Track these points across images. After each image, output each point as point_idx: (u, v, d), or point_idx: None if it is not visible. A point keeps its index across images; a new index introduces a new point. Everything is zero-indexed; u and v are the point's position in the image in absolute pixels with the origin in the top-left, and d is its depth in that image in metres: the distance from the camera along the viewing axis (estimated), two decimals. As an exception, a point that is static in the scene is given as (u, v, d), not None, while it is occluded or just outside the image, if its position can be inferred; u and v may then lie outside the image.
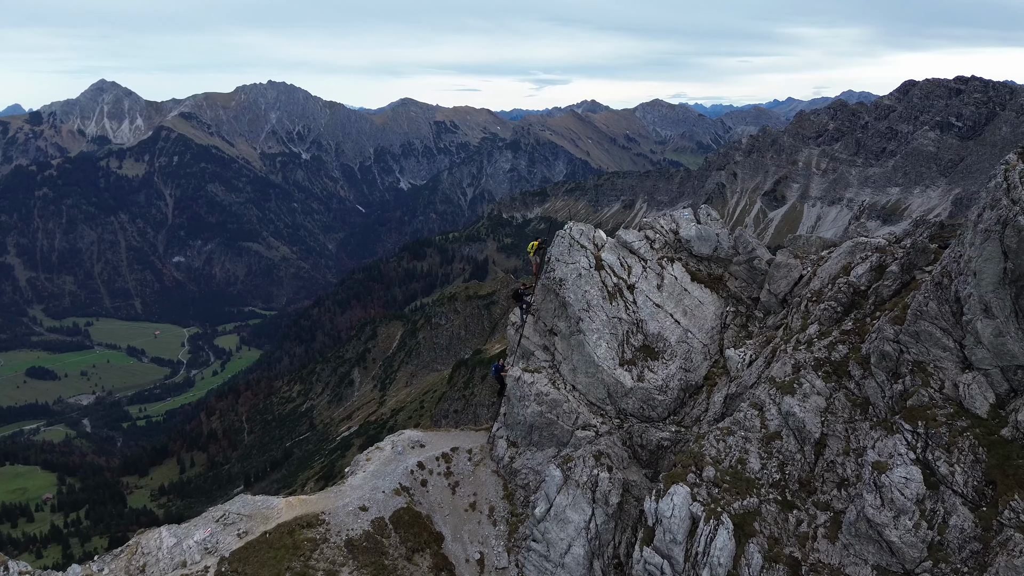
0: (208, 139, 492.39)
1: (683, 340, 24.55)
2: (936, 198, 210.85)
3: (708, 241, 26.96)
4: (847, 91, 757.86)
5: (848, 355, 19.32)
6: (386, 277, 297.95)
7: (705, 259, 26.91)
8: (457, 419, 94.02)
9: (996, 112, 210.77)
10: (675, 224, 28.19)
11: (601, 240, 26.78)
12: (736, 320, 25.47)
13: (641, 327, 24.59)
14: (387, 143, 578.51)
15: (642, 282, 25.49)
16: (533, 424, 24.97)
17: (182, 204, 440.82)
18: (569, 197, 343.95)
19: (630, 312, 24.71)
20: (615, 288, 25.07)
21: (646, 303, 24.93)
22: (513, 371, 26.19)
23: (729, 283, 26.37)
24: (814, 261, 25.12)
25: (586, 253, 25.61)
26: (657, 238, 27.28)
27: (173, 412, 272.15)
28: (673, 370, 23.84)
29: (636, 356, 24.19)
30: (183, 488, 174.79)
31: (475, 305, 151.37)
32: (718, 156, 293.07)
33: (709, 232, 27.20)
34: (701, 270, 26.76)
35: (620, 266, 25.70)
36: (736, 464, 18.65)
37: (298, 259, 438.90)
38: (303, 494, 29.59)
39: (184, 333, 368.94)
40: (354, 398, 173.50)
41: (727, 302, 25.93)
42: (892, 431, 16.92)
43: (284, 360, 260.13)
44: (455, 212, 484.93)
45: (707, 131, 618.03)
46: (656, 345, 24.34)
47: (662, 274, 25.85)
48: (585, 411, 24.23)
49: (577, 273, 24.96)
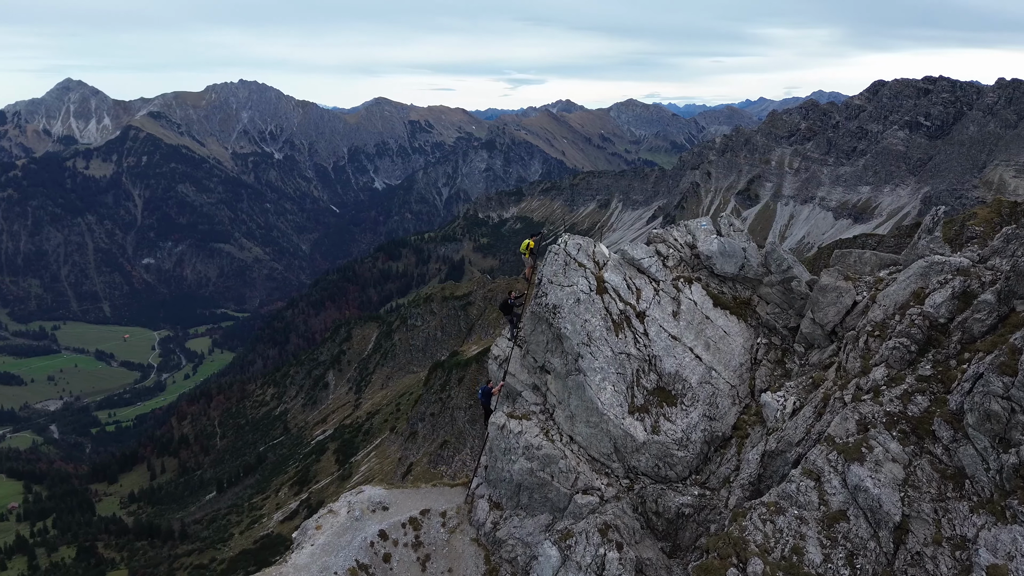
0: (178, 139, 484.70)
1: (706, 380, 20.39)
2: (906, 196, 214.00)
3: (733, 257, 22.71)
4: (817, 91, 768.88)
5: (930, 409, 15.46)
6: (361, 278, 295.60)
7: (729, 279, 22.85)
8: (434, 422, 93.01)
9: (963, 112, 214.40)
10: (691, 236, 24.01)
11: (603, 257, 22.43)
12: (770, 354, 21.44)
13: (654, 365, 20.39)
14: (361, 143, 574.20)
15: (655, 309, 21.31)
16: (522, 484, 20.51)
17: (151, 205, 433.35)
18: (545, 197, 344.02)
19: (641, 346, 20.50)
20: (622, 316, 20.80)
21: (660, 335, 20.75)
22: (496, 416, 21.65)
23: (759, 308, 22.34)
24: (870, 284, 20.79)
25: (585, 273, 21.28)
26: (671, 254, 23.16)
27: (143, 417, 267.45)
28: (695, 418, 19.70)
29: (649, 401, 19.97)
30: (154, 495, 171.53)
31: (451, 306, 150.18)
32: (692, 155, 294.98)
33: (734, 246, 22.80)
34: (725, 293, 22.61)
35: (627, 289, 21.46)
36: (791, 555, 14.62)
37: (271, 260, 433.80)
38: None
39: (154, 336, 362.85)
40: (329, 401, 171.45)
41: (757, 332, 21.94)
42: (1006, 519, 13.07)
43: (257, 363, 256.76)
44: (430, 212, 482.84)
45: (681, 131, 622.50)
46: (673, 387, 20.22)
47: (678, 298, 21.66)
48: (586, 470, 19.83)
49: (575, 298, 20.56)
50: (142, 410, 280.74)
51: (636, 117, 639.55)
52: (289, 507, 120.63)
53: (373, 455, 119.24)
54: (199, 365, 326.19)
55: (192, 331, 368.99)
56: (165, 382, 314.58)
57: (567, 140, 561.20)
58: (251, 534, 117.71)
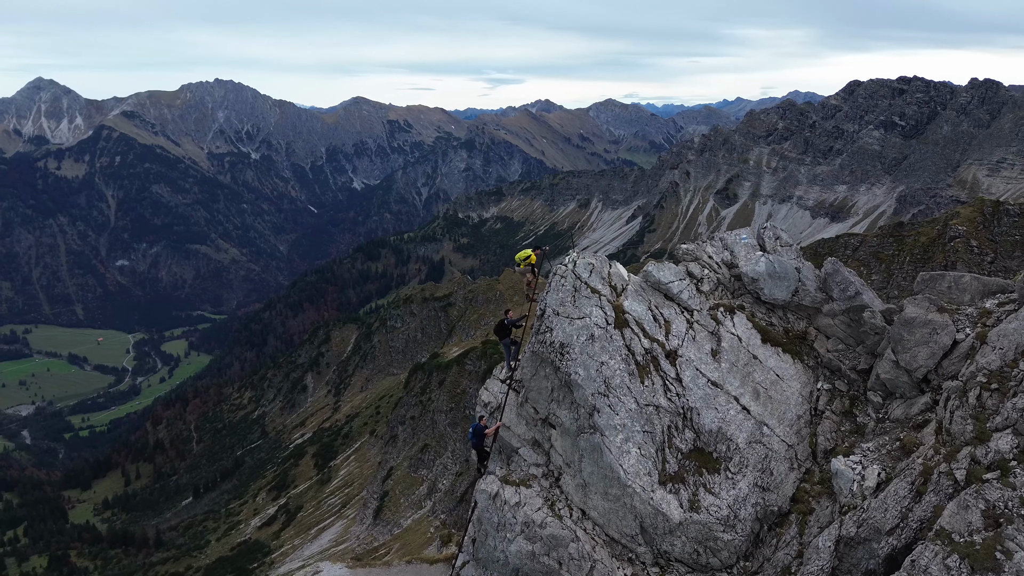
0: (152, 139, 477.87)
1: (756, 439, 16.23)
2: (881, 195, 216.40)
3: (785, 280, 18.30)
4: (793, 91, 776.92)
5: None
6: (340, 279, 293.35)
7: (779, 308, 18.61)
8: (414, 426, 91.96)
9: (937, 111, 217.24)
10: (729, 253, 19.37)
11: (622, 280, 18.11)
12: (834, 404, 17.25)
13: (691, 420, 16.19)
14: (339, 142, 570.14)
15: (689, 347, 17.04)
16: (520, 569, 16.38)
17: (125, 206, 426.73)
18: (525, 196, 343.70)
19: (672, 396, 16.22)
20: (648, 358, 16.51)
21: (697, 380, 16.53)
22: (487, 482, 17.22)
23: (817, 344, 18.16)
24: (974, 317, 16.31)
25: (600, 302, 16.98)
26: (706, 276, 18.76)
27: (118, 421, 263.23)
28: (744, 489, 15.56)
29: (685, 467, 15.74)
30: (128, 501, 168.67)
31: (432, 307, 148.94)
32: (671, 155, 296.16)
33: (786, 267, 18.40)
34: (774, 324, 18.36)
35: (654, 322, 17.18)
36: None
37: (248, 261, 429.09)
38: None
39: (129, 339, 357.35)
40: (307, 404, 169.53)
41: (817, 375, 17.73)
42: None
43: (234, 365, 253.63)
44: (410, 212, 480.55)
45: (659, 131, 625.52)
46: (715, 448, 16.02)
47: (718, 333, 17.40)
48: (604, 556, 15.68)
49: (588, 334, 16.33)
50: (116, 414, 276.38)
51: (615, 117, 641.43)
52: (267, 512, 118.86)
53: (353, 459, 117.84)
54: (175, 368, 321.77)
55: (168, 334, 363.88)
56: (140, 386, 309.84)
57: (547, 140, 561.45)
58: (228, 541, 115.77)
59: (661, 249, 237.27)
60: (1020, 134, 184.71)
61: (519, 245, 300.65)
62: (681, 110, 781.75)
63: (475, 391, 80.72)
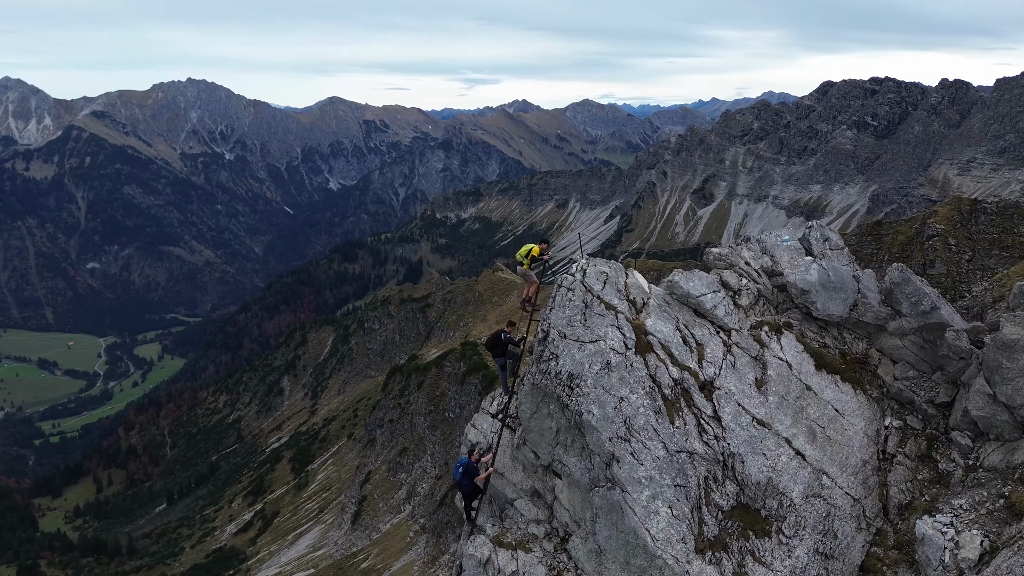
0: (123, 139, 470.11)
1: (815, 492, 13.10)
2: (855, 195, 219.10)
3: (841, 292, 15.18)
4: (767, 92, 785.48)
5: None
6: (316, 280, 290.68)
7: (833, 325, 15.48)
8: (393, 429, 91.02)
9: (909, 112, 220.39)
10: (769, 258, 16.31)
11: (641, 292, 14.81)
12: (908, 446, 14.05)
13: (733, 468, 12.93)
14: (315, 142, 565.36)
15: (728, 376, 13.79)
16: None
17: (96, 207, 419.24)
18: (503, 196, 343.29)
19: (710, 438, 12.91)
20: (678, 391, 13.26)
21: (739, 418, 13.29)
22: (476, 545, 13.73)
23: (882, 370, 14.96)
24: None
25: (617, 320, 13.74)
26: (744, 287, 15.54)
27: (90, 427, 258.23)
28: (802, 558, 12.47)
29: (728, 530, 12.45)
30: (100, 509, 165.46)
31: (410, 308, 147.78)
32: (648, 155, 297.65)
33: (842, 275, 15.32)
34: (828, 346, 15.21)
35: (683, 344, 13.96)
36: None
37: (223, 263, 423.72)
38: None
39: (100, 343, 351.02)
40: (284, 407, 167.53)
41: (883, 408, 14.61)
42: None
43: (209, 369, 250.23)
44: (387, 213, 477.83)
45: (636, 131, 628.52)
46: (765, 504, 12.82)
47: (762, 358, 14.16)
48: None
49: (603, 362, 13.06)
50: (88, 420, 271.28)
51: (592, 117, 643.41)
52: (243, 518, 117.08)
53: (330, 463, 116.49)
54: (148, 372, 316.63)
55: (140, 337, 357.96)
56: (112, 390, 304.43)
57: (524, 140, 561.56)
58: (203, 548, 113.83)
59: (639, 249, 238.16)
60: (989, 134, 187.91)
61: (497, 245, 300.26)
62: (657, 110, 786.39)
63: (454, 393, 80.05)
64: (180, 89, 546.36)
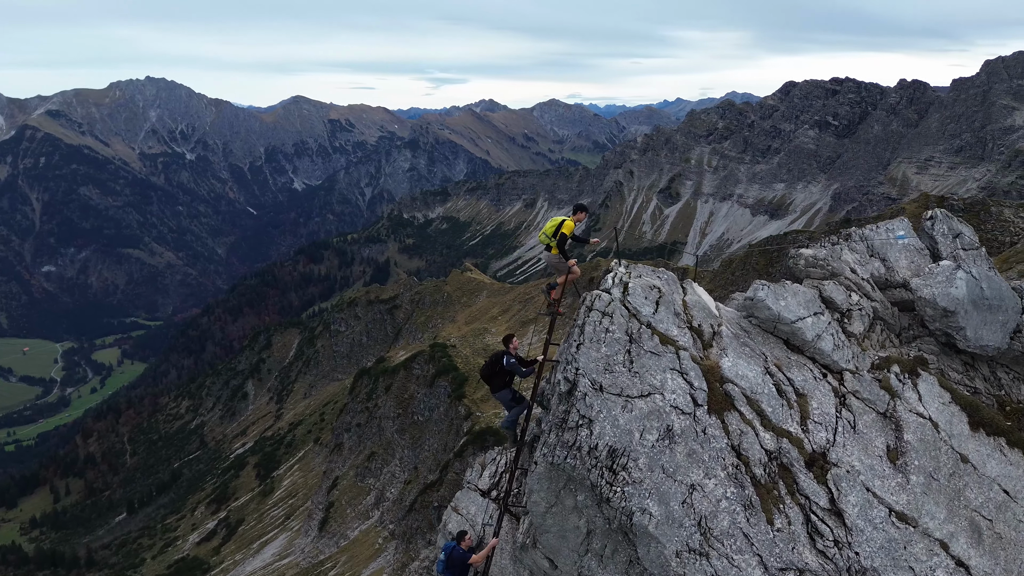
0: (79, 139, 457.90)
1: None
2: (817, 193, 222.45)
3: (999, 313, 11.07)
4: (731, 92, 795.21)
5: None
6: (281, 282, 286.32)
7: (984, 358, 11.44)
8: (360, 433, 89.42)
9: (868, 111, 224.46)
10: (880, 261, 12.45)
11: (708, 314, 10.68)
12: None
13: None
14: (279, 142, 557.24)
15: (846, 443, 9.62)
16: None
17: (51, 209, 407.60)
18: (471, 196, 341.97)
19: (826, 543, 8.75)
20: (773, 469, 9.14)
21: (869, 511, 9.07)
22: None
23: None
24: None
25: (677, 360, 9.55)
26: (855, 305, 11.33)
27: (46, 435, 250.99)
28: None
29: None
30: (58, 519, 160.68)
31: (377, 310, 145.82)
32: (615, 155, 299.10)
33: (999, 289, 11.17)
34: (978, 390, 11.19)
35: (778, 397, 9.84)
36: None
37: (185, 265, 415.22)
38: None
39: (57, 349, 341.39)
40: (248, 412, 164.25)
41: None
42: None
43: (171, 374, 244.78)
44: (353, 213, 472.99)
45: (603, 131, 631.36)
46: None
47: (895, 415, 9.95)
48: None
49: (661, 429, 8.96)
50: (44, 428, 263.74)
51: (559, 117, 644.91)
52: (206, 527, 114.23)
53: (296, 468, 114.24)
54: (107, 378, 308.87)
55: (99, 342, 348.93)
56: (70, 397, 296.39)
57: (491, 140, 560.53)
58: (165, 558, 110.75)
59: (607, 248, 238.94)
60: (946, 133, 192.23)
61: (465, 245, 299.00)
62: (623, 110, 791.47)
63: (423, 396, 78.80)
64: (139, 88, 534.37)
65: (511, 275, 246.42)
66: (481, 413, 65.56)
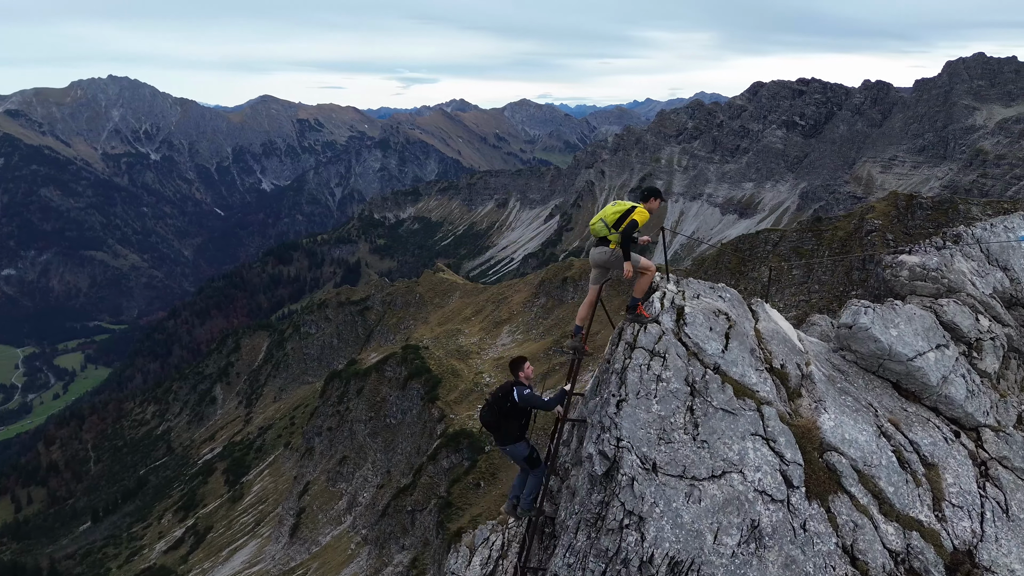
0: (40, 139, 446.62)
1: None
2: (785, 192, 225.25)
3: None
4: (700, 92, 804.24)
5: None
6: (249, 284, 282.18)
7: None
8: (332, 437, 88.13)
9: (834, 112, 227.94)
10: (1001, 271, 9.49)
11: (790, 348, 7.97)
12: None
13: None
14: (246, 142, 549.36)
15: (999, 535, 6.76)
16: None
17: (11, 211, 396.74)
18: (443, 196, 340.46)
19: None
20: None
21: None
22: None
23: None
24: None
25: (761, 423, 6.74)
26: (986, 332, 8.27)
27: (7, 443, 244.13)
28: None
29: None
30: (19, 529, 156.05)
31: (348, 311, 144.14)
32: (586, 155, 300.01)
33: None
34: None
35: (897, 467, 6.98)
36: None
37: (150, 267, 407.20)
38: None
39: (18, 354, 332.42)
40: (217, 417, 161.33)
41: None
42: None
43: (137, 378, 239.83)
44: (323, 213, 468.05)
45: (573, 131, 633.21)
46: None
47: None
48: None
49: (744, 527, 6.11)
50: (5, 435, 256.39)
51: (530, 117, 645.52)
52: (173, 535, 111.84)
53: (267, 474, 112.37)
54: (70, 384, 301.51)
55: (61, 347, 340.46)
56: (31, 403, 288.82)
57: (463, 139, 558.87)
58: (131, 568, 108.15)
59: (580, 247, 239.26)
60: (910, 133, 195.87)
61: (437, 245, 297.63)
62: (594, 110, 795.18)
63: (395, 399, 77.81)
64: (101, 87, 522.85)
65: (484, 275, 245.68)
66: (455, 415, 64.88)
